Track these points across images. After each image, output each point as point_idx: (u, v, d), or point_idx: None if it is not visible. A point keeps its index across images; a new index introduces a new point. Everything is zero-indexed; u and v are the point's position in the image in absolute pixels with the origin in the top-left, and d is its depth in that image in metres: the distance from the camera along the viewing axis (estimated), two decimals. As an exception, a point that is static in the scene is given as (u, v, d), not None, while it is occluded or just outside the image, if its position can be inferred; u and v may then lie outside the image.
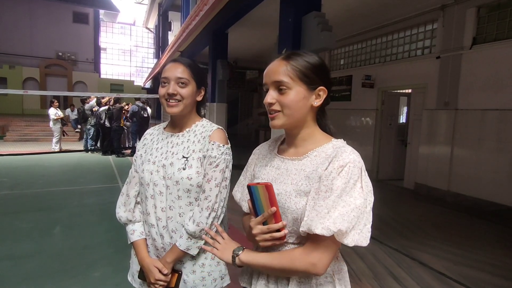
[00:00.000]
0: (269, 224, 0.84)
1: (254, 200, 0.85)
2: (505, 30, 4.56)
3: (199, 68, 1.22)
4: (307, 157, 0.89)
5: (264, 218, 0.84)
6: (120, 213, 1.24)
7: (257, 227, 0.86)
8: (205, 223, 1.10)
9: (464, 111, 5.06)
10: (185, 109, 1.17)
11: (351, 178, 0.79)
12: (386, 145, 6.84)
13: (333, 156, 0.83)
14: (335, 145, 0.89)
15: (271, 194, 0.82)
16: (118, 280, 2.55)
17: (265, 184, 0.82)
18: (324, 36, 3.28)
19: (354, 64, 7.56)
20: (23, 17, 17.46)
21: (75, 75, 18.68)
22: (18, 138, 12.67)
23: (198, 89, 1.21)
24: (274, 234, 0.84)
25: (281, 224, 0.83)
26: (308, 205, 0.81)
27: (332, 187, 0.78)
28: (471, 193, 4.94)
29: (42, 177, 6.22)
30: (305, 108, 0.89)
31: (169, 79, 1.15)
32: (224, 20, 6.25)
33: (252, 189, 0.84)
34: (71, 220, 3.97)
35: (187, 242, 1.12)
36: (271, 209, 0.82)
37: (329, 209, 0.77)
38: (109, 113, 9.12)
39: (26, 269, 2.72)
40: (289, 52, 0.91)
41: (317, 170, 0.84)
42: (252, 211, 0.88)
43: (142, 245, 1.21)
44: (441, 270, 2.87)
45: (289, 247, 0.88)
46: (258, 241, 0.87)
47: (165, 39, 15.55)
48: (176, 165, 1.14)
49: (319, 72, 0.89)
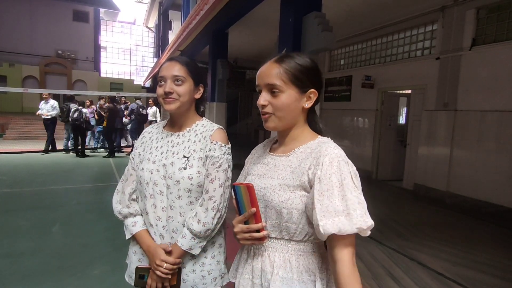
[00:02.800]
0: (249, 224, 0.87)
1: (237, 199, 0.88)
2: (504, 32, 4.57)
3: (196, 65, 1.21)
4: (294, 153, 0.93)
5: (245, 217, 0.87)
6: (118, 208, 1.22)
7: (239, 225, 0.89)
8: (211, 223, 1.10)
9: (464, 112, 5.07)
10: (183, 107, 1.17)
11: (345, 173, 0.82)
12: (386, 146, 6.85)
13: (317, 151, 0.86)
14: (320, 141, 0.93)
15: (252, 194, 0.84)
16: (117, 278, 2.55)
17: (246, 185, 0.84)
18: (324, 36, 3.28)
19: (354, 65, 7.56)
20: (23, 15, 17.46)
21: (75, 73, 18.68)
22: (17, 136, 12.66)
23: (196, 86, 1.21)
24: (253, 235, 0.87)
25: (260, 225, 0.86)
26: (316, 208, 0.81)
27: (333, 185, 0.80)
28: (470, 194, 4.95)
29: (41, 176, 6.21)
30: (296, 110, 0.92)
31: (165, 77, 1.15)
32: (224, 19, 6.25)
33: (236, 188, 0.86)
34: (70, 218, 3.97)
35: (190, 242, 1.11)
36: (251, 210, 0.85)
37: (354, 208, 0.78)
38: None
39: (24, 267, 2.72)
40: (282, 55, 0.94)
41: (300, 165, 0.88)
42: (236, 210, 0.91)
43: (146, 235, 1.18)
44: (440, 271, 2.88)
45: (274, 242, 0.91)
46: (239, 239, 0.90)
47: (165, 38, 15.54)
48: (176, 165, 1.13)
49: (311, 74, 0.92)
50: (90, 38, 19.69)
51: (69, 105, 8.95)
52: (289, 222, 0.87)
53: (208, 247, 1.19)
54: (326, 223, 0.79)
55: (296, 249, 0.89)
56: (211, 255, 1.19)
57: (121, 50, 26.75)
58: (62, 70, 18.39)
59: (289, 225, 0.87)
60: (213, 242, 1.20)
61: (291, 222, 0.86)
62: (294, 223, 0.86)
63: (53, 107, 8.91)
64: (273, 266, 0.90)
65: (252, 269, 0.95)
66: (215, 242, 1.21)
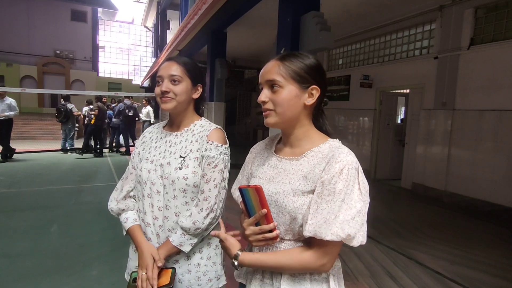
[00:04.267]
0: (261, 225, 0.86)
1: (246, 202, 0.87)
2: (502, 31, 4.58)
3: (194, 65, 1.21)
4: (304, 157, 0.91)
5: (256, 219, 0.86)
6: (111, 205, 1.23)
7: (250, 228, 0.88)
8: (201, 223, 1.10)
9: (462, 112, 5.08)
10: (180, 106, 1.17)
11: (350, 180, 0.81)
12: (384, 145, 6.86)
13: (330, 156, 0.85)
14: (331, 145, 0.90)
15: (261, 196, 0.83)
16: (115, 278, 2.55)
17: (255, 186, 0.83)
18: (322, 36, 3.27)
19: (353, 64, 7.57)
20: (21, 14, 17.37)
21: (73, 73, 18.62)
22: (15, 136, 12.56)
23: (194, 86, 1.20)
24: (266, 235, 0.86)
25: (273, 225, 0.85)
26: (311, 208, 0.82)
27: (335, 191, 0.80)
28: (468, 193, 4.96)
29: (39, 176, 6.19)
30: (297, 106, 0.90)
31: (163, 77, 1.15)
32: (222, 19, 6.24)
33: (244, 191, 0.85)
34: (68, 218, 3.95)
35: (180, 238, 1.11)
36: (262, 211, 0.84)
37: (336, 214, 0.79)
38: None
39: (22, 267, 2.71)
40: (285, 53, 0.93)
41: (314, 170, 0.86)
42: (245, 213, 0.90)
43: (137, 230, 1.17)
44: (438, 270, 2.88)
45: (285, 243, 0.90)
46: (251, 241, 0.89)
47: (163, 37, 15.49)
48: (173, 165, 1.13)
49: (313, 72, 0.91)
50: (88, 38, 19.63)
51: (65, 105, 8.89)
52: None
53: (204, 248, 1.18)
54: (312, 223, 0.80)
55: None
56: (207, 256, 1.18)
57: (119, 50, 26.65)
58: (60, 70, 18.32)
59: (303, 229, 0.86)
60: (209, 243, 1.20)
61: None
62: None
63: (10, 106, 7.36)
64: None
65: (263, 270, 0.93)
66: (211, 243, 1.20)
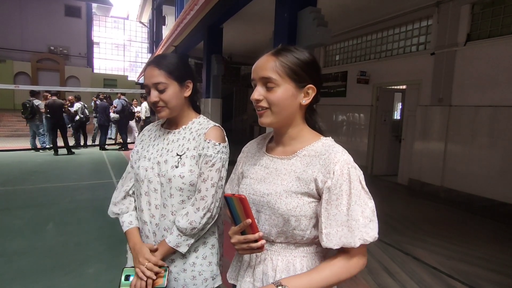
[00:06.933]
0: (246, 235, 0.84)
1: (231, 209, 0.85)
2: (499, 27, 4.58)
3: (177, 63, 1.13)
4: (296, 156, 0.89)
5: (240, 228, 0.84)
6: (110, 208, 1.24)
7: (235, 236, 0.86)
8: (198, 223, 1.08)
9: (458, 108, 5.09)
10: (174, 111, 1.15)
11: (354, 180, 0.80)
12: (381, 141, 6.87)
13: (325, 157, 0.83)
14: (324, 143, 0.88)
15: (246, 206, 0.81)
16: (112, 276, 2.53)
17: (239, 196, 0.81)
18: (319, 32, 3.26)
19: (349, 60, 7.56)
20: (14, 10, 17.14)
21: (67, 69, 18.45)
22: (9, 133, 12.50)
23: (183, 85, 1.15)
24: (251, 245, 0.83)
25: (257, 235, 0.82)
26: (322, 217, 0.81)
27: (342, 194, 0.79)
28: (464, 188, 4.99)
29: (34, 173, 6.14)
30: (293, 106, 0.87)
31: (148, 86, 1.12)
32: (219, 14, 6.18)
33: (228, 200, 0.83)
34: (63, 216, 3.92)
35: (177, 239, 1.10)
36: (247, 221, 0.81)
37: (356, 219, 0.78)
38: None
39: (18, 266, 2.69)
40: (279, 48, 0.88)
41: (307, 171, 0.84)
42: (231, 220, 0.88)
43: (132, 234, 1.17)
44: (434, 265, 2.90)
45: (277, 246, 0.89)
46: (237, 249, 0.87)
47: (159, 33, 15.35)
48: (169, 163, 1.12)
49: (309, 69, 0.87)
50: (83, 34, 19.43)
51: (32, 101, 8.50)
52: (297, 229, 0.84)
53: (199, 247, 1.17)
54: (330, 232, 0.79)
55: (299, 251, 0.88)
56: (203, 255, 1.17)
57: (114, 46, 26.42)
58: (55, 66, 18.13)
59: (296, 232, 0.85)
60: (205, 242, 1.18)
61: (299, 229, 0.84)
62: (301, 230, 0.84)
63: None
64: (275, 270, 0.87)
65: (254, 272, 0.92)
66: (207, 243, 1.19)
